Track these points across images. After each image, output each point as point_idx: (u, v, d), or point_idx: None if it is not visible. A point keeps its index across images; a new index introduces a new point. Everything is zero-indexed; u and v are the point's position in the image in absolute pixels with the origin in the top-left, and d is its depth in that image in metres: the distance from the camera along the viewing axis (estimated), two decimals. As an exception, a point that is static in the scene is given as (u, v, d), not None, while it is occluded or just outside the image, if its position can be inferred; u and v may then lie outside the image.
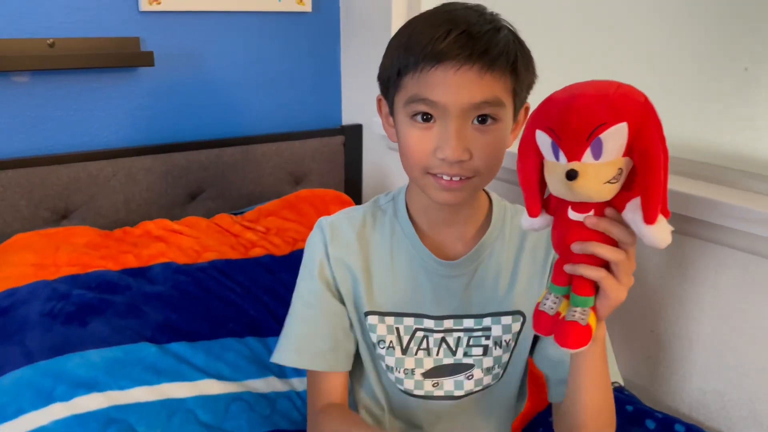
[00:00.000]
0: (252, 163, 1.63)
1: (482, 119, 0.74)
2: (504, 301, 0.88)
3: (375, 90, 0.87)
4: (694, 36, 1.15)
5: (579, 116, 0.59)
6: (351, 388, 1.00)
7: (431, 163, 0.76)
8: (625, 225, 0.62)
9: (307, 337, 0.88)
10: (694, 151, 1.15)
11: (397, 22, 1.59)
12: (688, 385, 1.16)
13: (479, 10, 0.76)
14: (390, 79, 0.78)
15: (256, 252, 1.35)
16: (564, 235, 0.66)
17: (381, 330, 0.88)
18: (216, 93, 1.61)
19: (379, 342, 0.89)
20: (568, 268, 0.66)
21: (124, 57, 1.44)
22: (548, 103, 0.64)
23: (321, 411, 0.88)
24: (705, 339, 1.11)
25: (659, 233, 0.60)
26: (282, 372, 1.19)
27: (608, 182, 0.60)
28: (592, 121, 0.59)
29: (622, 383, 0.87)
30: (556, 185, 0.63)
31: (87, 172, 1.41)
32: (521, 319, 0.89)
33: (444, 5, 0.79)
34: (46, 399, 1.00)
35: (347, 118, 1.84)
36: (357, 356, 0.94)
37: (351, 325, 0.90)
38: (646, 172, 0.59)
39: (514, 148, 0.75)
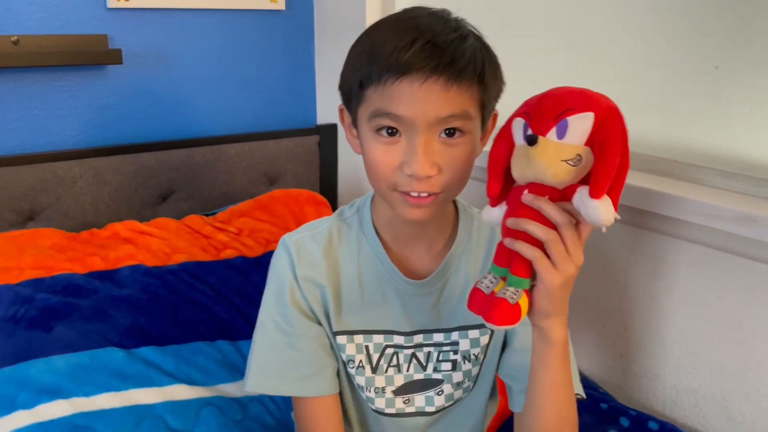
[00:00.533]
0: (224, 163, 1.61)
1: (450, 132, 0.71)
2: (472, 315, 0.86)
3: None
4: (665, 34, 1.15)
5: (552, 100, 0.64)
6: None
7: (398, 179, 0.72)
8: (560, 208, 0.64)
9: (290, 363, 0.84)
10: (667, 149, 1.16)
11: (372, 20, 1.57)
12: (662, 383, 1.16)
13: (444, 17, 0.72)
14: (352, 91, 0.74)
15: (228, 253, 1.33)
16: (510, 215, 0.68)
17: (350, 349, 0.85)
18: (187, 92, 1.58)
19: (348, 362, 0.86)
20: (507, 242, 0.66)
21: (91, 55, 1.41)
22: (532, 97, 0.68)
23: None
24: (678, 336, 1.12)
25: (603, 208, 0.61)
26: (254, 375, 1.17)
27: (565, 161, 0.62)
28: (562, 105, 0.63)
29: (584, 396, 0.86)
30: (519, 162, 0.65)
31: (53, 173, 1.38)
32: (489, 331, 0.88)
33: (407, 11, 0.75)
34: (8, 406, 0.96)
35: (322, 118, 1.83)
36: None
37: (330, 343, 0.87)
38: (601, 155, 0.61)
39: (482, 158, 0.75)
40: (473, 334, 0.87)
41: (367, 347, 0.86)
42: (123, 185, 1.47)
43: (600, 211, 0.61)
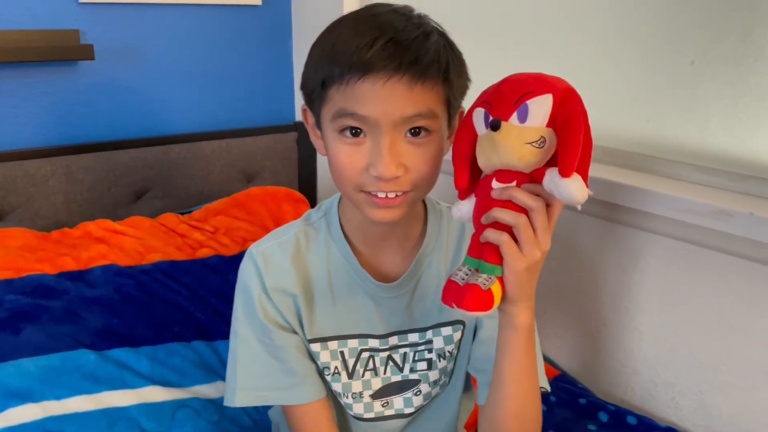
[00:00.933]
0: (200, 160, 1.58)
1: (415, 132, 0.70)
2: (444, 311, 0.85)
3: None
4: (641, 29, 1.15)
5: (510, 86, 0.65)
6: None
7: (364, 181, 0.71)
8: (530, 192, 0.64)
9: (276, 373, 0.82)
10: (642, 145, 1.16)
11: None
12: (640, 378, 1.17)
13: (406, 14, 0.70)
14: (314, 91, 0.72)
15: (204, 252, 1.31)
16: (482, 207, 0.68)
17: (324, 357, 0.84)
18: (162, 88, 1.56)
19: (324, 369, 0.85)
20: (482, 235, 0.66)
21: (63, 50, 1.38)
22: (489, 87, 0.68)
23: None
24: (655, 331, 1.12)
25: (575, 185, 0.61)
26: (231, 376, 1.15)
27: (530, 144, 0.63)
28: (520, 89, 0.64)
29: (549, 389, 0.85)
30: (483, 150, 0.66)
31: (24, 172, 1.35)
32: (461, 327, 0.87)
33: (369, 8, 0.73)
34: (-23, 411, 0.94)
35: (300, 114, 1.81)
36: None
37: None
38: (565, 134, 0.62)
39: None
40: (446, 331, 0.86)
41: (342, 353, 0.84)
42: (96, 184, 1.44)
43: (573, 188, 0.61)
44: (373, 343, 0.85)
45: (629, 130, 1.18)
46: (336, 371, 0.85)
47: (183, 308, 1.19)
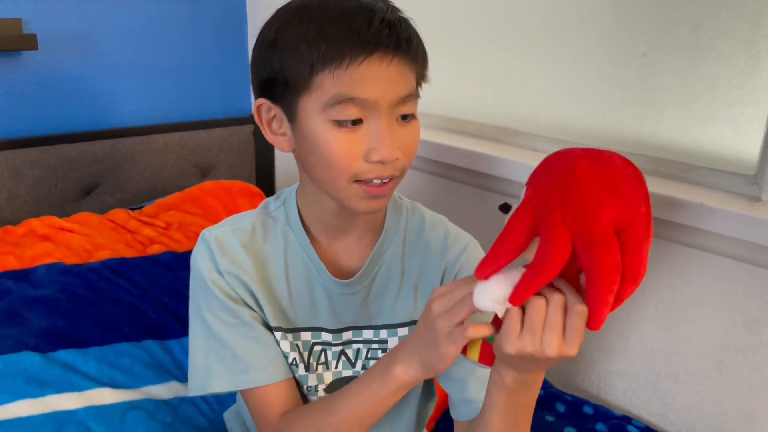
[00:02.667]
0: (152, 154, 1.54)
1: (404, 115, 0.69)
2: (400, 310, 0.83)
3: None
4: (594, 22, 1.16)
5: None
6: None
7: (361, 168, 0.68)
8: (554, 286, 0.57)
9: (243, 354, 0.77)
10: (596, 138, 1.17)
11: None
12: (596, 367, 1.18)
13: None
14: (295, 80, 0.67)
15: (155, 249, 1.27)
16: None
17: (284, 346, 0.81)
18: (110, 79, 1.51)
19: (285, 358, 0.83)
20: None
21: (4, 40, 1.33)
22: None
23: (281, 420, 0.77)
24: (610, 321, 1.13)
25: (479, 290, 0.56)
26: (185, 376, 1.12)
27: None
28: (529, 178, 0.59)
29: None
30: None
31: (-37, 167, 1.29)
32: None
33: None
34: None
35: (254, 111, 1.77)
36: None
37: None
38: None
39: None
40: (402, 331, 0.84)
41: (297, 345, 0.82)
42: (42, 179, 1.38)
43: (477, 291, 0.56)
44: (326, 337, 0.83)
45: (584, 122, 1.19)
46: (294, 362, 0.82)
47: (133, 307, 1.15)
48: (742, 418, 1.00)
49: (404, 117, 0.70)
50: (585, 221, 0.52)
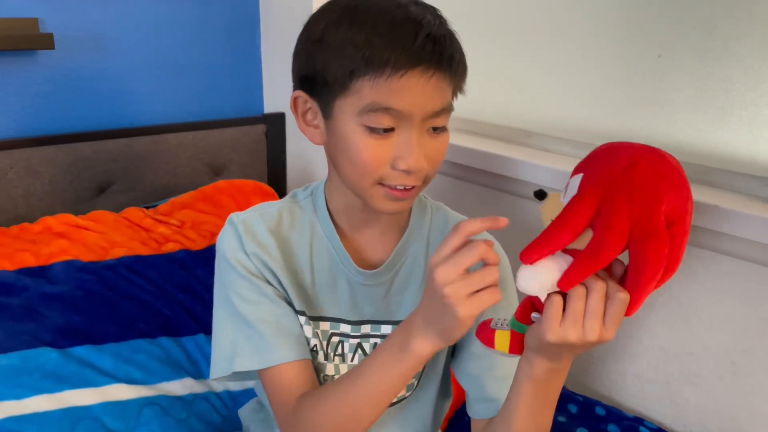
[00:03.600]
0: (166, 153, 1.55)
1: (436, 127, 0.71)
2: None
3: None
4: (608, 23, 1.16)
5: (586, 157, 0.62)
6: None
7: (387, 174, 0.71)
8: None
9: (267, 332, 0.77)
10: (609, 139, 1.16)
11: (319, 5, 1.54)
12: (608, 369, 1.18)
13: (428, 7, 0.70)
14: (335, 81, 0.69)
15: (170, 247, 1.28)
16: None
17: (307, 331, 0.82)
18: (125, 78, 1.52)
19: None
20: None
21: (21, 39, 1.33)
22: None
23: (300, 400, 0.75)
24: (624, 322, 1.13)
25: (522, 273, 0.58)
26: (199, 373, 1.13)
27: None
28: (581, 163, 0.61)
29: None
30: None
31: (-20, 165, 1.30)
32: None
33: None
34: (-68, 413, 0.91)
35: (269, 106, 1.78)
36: None
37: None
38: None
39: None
40: None
41: (317, 333, 0.83)
42: (57, 177, 1.40)
43: (520, 274, 0.58)
44: (345, 328, 0.83)
45: (598, 123, 1.19)
46: (314, 349, 0.83)
47: (148, 304, 1.16)
48: (756, 420, 1.00)
49: (435, 129, 0.71)
50: (647, 213, 0.55)
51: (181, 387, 1.09)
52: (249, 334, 0.77)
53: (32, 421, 0.94)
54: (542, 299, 0.59)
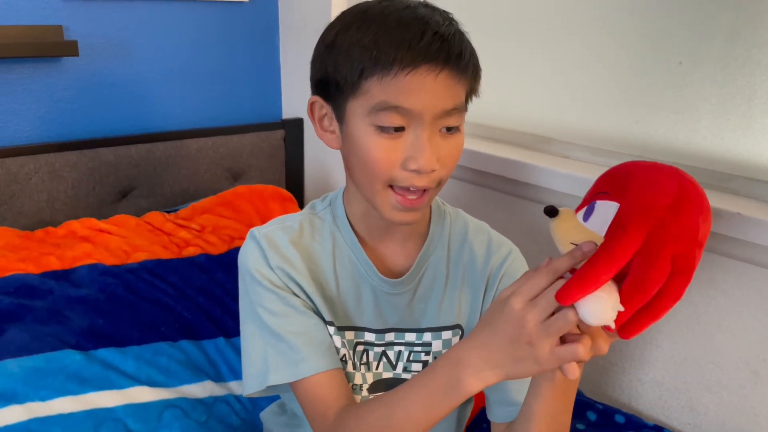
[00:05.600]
0: (186, 158, 1.57)
1: (449, 127, 0.71)
2: (444, 314, 0.84)
3: None
4: (629, 30, 1.16)
5: (606, 175, 0.61)
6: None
7: (397, 175, 0.70)
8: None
9: (298, 343, 0.76)
10: (630, 146, 1.16)
11: (337, 12, 1.55)
12: (627, 376, 1.17)
13: (436, 9, 0.71)
14: (345, 82, 0.70)
15: (190, 251, 1.29)
16: None
17: (336, 341, 0.80)
18: (146, 85, 1.54)
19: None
20: None
21: (46, 46, 1.36)
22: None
23: (340, 417, 0.74)
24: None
25: (589, 302, 0.55)
26: (219, 376, 1.14)
27: (574, 244, 0.58)
28: (604, 184, 0.59)
29: None
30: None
31: (6, 169, 1.32)
32: (460, 333, 0.85)
33: (396, 2, 0.71)
34: (-41, 413, 0.92)
35: (288, 112, 1.80)
36: None
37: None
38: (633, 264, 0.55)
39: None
40: (446, 335, 0.85)
41: (343, 343, 0.83)
42: (80, 182, 1.42)
43: (586, 304, 0.54)
44: (369, 337, 0.84)
45: (618, 130, 1.19)
46: (344, 359, 0.82)
47: (169, 307, 1.17)
48: (778, 429, 0.99)
49: (448, 129, 0.71)
50: (689, 251, 0.55)
51: (201, 390, 1.10)
52: (280, 348, 0.77)
53: (56, 422, 0.96)
54: (612, 327, 0.56)
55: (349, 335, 0.83)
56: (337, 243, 0.83)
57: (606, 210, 0.56)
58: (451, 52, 0.67)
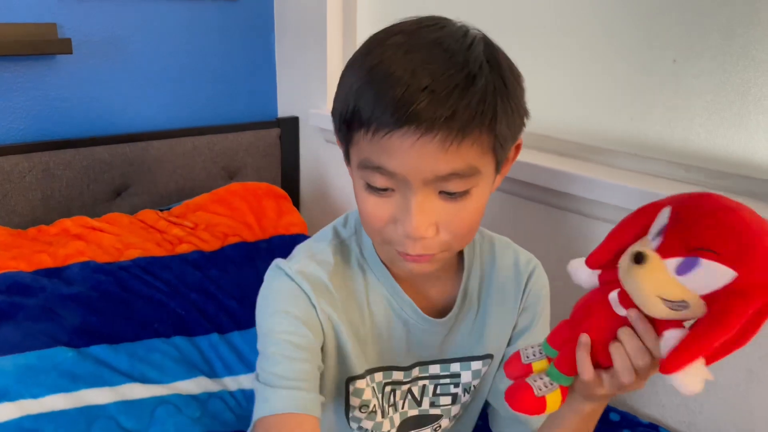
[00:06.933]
0: (181, 157, 1.56)
1: (450, 193, 0.60)
2: (475, 343, 0.78)
3: (312, 81, 0.78)
4: (623, 27, 1.15)
5: (706, 222, 0.50)
6: None
7: (391, 236, 0.62)
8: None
9: (299, 377, 0.66)
10: (624, 144, 1.16)
11: (333, 11, 1.55)
12: (623, 374, 1.17)
13: (448, 47, 0.57)
14: (341, 123, 0.62)
15: (184, 248, 1.29)
16: (592, 309, 0.59)
17: (368, 394, 0.74)
18: (141, 83, 1.54)
19: (362, 407, 0.76)
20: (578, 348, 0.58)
21: (40, 44, 1.36)
22: (696, 194, 0.55)
23: None
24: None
25: (687, 378, 0.51)
26: (213, 372, 1.14)
27: (664, 300, 0.51)
28: (711, 238, 0.49)
29: None
30: (623, 262, 0.55)
31: (-1, 168, 1.32)
32: (490, 362, 0.80)
33: (413, 32, 0.60)
34: (-49, 411, 0.92)
35: (283, 110, 1.80)
36: None
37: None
38: (713, 323, 0.50)
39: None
40: (476, 365, 0.79)
41: (373, 388, 0.76)
42: (74, 180, 1.41)
43: (683, 380, 0.51)
44: (398, 375, 0.77)
45: (612, 128, 1.19)
46: (374, 410, 0.76)
47: (163, 304, 1.17)
48: (773, 426, 0.99)
49: (451, 195, 0.60)
50: None
51: (195, 386, 1.10)
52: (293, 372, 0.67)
53: (49, 419, 0.95)
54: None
55: (378, 377, 0.76)
56: (368, 279, 0.74)
57: (716, 273, 0.49)
58: (439, 114, 0.54)
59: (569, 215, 1.19)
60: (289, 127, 1.76)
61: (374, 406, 0.76)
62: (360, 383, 0.74)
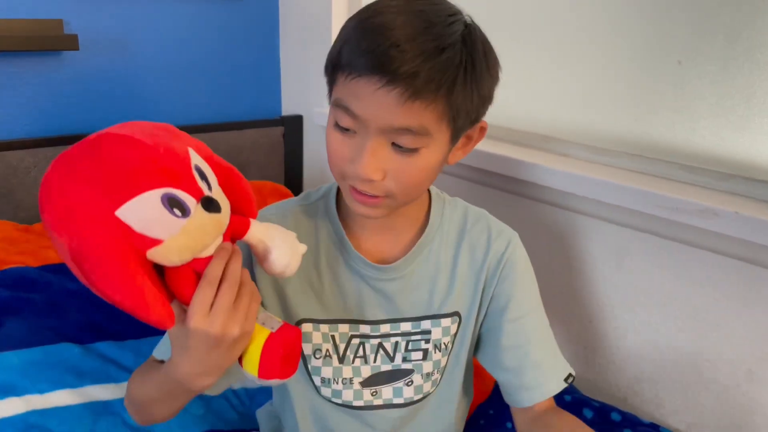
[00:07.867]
0: (186, 153, 1.56)
1: (401, 147, 0.69)
2: (443, 301, 0.85)
3: (316, 79, 0.84)
4: (628, 29, 1.16)
5: None
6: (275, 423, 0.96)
7: (347, 171, 0.71)
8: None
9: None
10: (628, 145, 1.17)
11: (338, 8, 1.56)
12: (624, 374, 1.18)
13: (430, 19, 0.66)
14: (329, 63, 0.72)
15: (190, 246, 1.29)
16: None
17: (316, 338, 0.82)
18: (146, 80, 1.54)
19: (315, 352, 0.83)
20: None
21: (46, 40, 1.36)
22: None
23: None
24: (639, 327, 1.13)
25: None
26: (217, 370, 1.14)
27: None
28: None
29: (573, 374, 0.87)
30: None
31: (5, 163, 1.32)
32: (458, 320, 0.86)
33: (407, 1, 0.69)
34: (-43, 405, 0.92)
35: (287, 109, 1.80)
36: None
37: None
38: None
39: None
40: (445, 322, 0.85)
41: (333, 337, 0.83)
42: (79, 176, 1.42)
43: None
44: (364, 329, 0.84)
45: (616, 129, 1.19)
46: (327, 354, 0.83)
47: (169, 302, 1.17)
48: (773, 428, 0.99)
49: (401, 147, 0.69)
50: None
51: (199, 384, 1.10)
52: None
53: (55, 415, 0.96)
54: None
55: (343, 328, 0.83)
56: (322, 235, 0.83)
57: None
58: (401, 71, 0.63)
59: (579, 217, 1.19)
60: (293, 126, 1.76)
61: (327, 351, 0.83)
62: (306, 327, 0.82)
